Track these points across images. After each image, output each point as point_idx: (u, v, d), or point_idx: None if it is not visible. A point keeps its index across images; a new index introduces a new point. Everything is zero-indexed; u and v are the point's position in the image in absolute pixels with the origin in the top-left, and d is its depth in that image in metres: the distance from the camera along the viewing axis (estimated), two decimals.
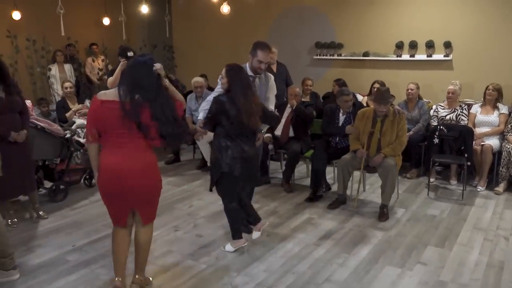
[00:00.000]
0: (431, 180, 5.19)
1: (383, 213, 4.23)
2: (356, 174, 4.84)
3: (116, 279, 2.83)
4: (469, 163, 4.85)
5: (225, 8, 6.52)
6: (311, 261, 3.38)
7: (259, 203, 4.63)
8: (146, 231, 2.86)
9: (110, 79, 5.29)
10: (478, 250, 3.57)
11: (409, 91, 5.62)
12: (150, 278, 3.07)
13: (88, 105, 5.73)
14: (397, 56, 6.54)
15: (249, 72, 3.79)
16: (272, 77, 3.96)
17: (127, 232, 2.85)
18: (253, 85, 3.76)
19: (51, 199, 4.60)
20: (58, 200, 4.65)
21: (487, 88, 5.32)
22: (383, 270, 3.24)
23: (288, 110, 5.29)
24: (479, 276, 3.16)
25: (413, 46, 6.38)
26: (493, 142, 5.11)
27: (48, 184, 4.73)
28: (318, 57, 7.19)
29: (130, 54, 5.30)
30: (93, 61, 8.11)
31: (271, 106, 3.87)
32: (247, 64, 3.79)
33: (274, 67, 6.14)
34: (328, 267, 3.29)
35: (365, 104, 5.90)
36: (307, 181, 5.21)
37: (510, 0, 5.70)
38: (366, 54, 6.75)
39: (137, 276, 2.95)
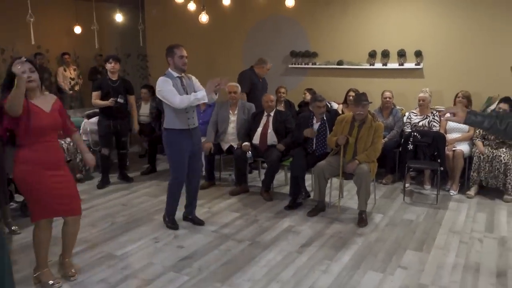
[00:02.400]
0: (406, 185, 5.31)
1: (362, 219, 4.29)
2: (335, 181, 4.91)
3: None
4: (442, 168, 4.99)
5: (204, 17, 6.50)
6: (294, 269, 3.39)
7: (239, 212, 4.62)
8: None
9: (97, 101, 5.32)
10: (455, 252, 3.67)
11: (387, 99, 5.76)
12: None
13: None
14: (370, 65, 6.69)
15: (175, 74, 3.93)
16: (192, 76, 4.14)
17: None
18: (183, 86, 3.93)
19: (24, 213, 4.44)
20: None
21: (456, 95, 5.52)
22: (365, 276, 3.28)
23: (264, 119, 5.32)
24: (457, 278, 3.25)
25: (386, 55, 6.54)
26: (464, 147, 5.29)
27: (19, 197, 4.57)
28: (294, 65, 7.29)
29: (120, 100, 5.30)
30: (65, 70, 7.94)
31: (203, 93, 3.87)
32: (169, 69, 3.96)
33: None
34: (311, 275, 3.30)
35: (340, 112, 6.00)
36: (286, 189, 5.24)
37: (476, 13, 5.95)
38: (340, 62, 6.89)
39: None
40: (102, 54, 8.55)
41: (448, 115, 2.47)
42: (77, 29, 8.29)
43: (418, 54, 6.33)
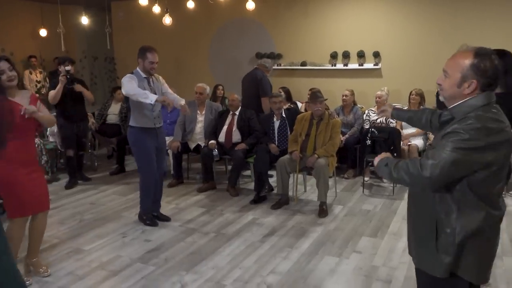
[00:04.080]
0: (366, 179, 5.59)
1: (322, 210, 4.53)
2: (299, 175, 5.13)
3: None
4: None
5: (167, 20, 6.64)
6: (256, 256, 3.58)
7: (206, 207, 4.78)
8: None
9: (51, 93, 5.23)
10: (406, 237, 3.93)
11: (344, 97, 6.05)
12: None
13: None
14: (332, 65, 6.99)
15: (143, 75, 4.07)
16: (160, 76, 4.30)
17: None
18: (150, 86, 4.06)
19: None
20: None
21: (410, 93, 5.86)
22: (322, 260, 3.51)
23: (229, 118, 5.50)
24: (406, 260, 3.50)
25: (346, 56, 6.85)
26: (419, 142, 5.62)
27: None
28: None
29: (67, 68, 5.26)
30: (31, 73, 7.90)
31: (154, 97, 3.87)
32: (138, 68, 4.09)
33: None
34: (272, 261, 3.50)
35: (303, 111, 6.25)
36: (252, 185, 5.42)
37: (429, 16, 6.33)
38: (303, 63, 7.15)
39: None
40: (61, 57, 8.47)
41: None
42: (43, 32, 8.26)
43: (376, 55, 6.66)
